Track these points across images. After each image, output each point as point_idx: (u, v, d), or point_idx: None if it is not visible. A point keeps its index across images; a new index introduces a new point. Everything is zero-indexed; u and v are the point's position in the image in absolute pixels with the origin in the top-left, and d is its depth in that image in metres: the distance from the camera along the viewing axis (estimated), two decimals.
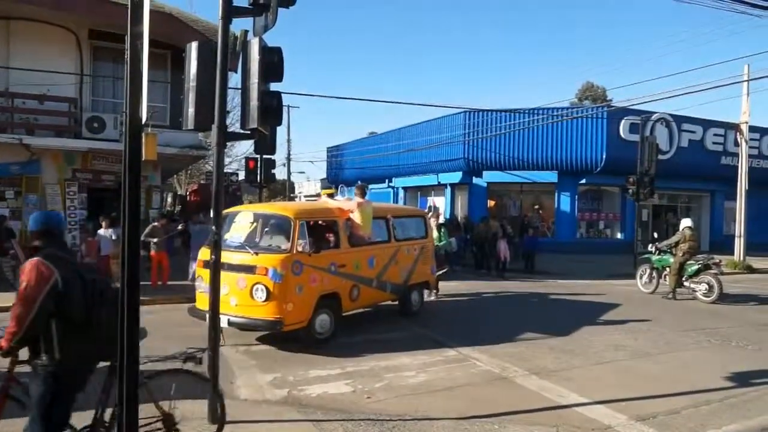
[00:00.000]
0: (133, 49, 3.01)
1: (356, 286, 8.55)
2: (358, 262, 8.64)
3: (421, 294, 10.50)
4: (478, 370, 7.01)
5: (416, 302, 10.27)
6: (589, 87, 48.02)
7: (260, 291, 7.32)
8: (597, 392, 6.14)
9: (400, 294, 9.80)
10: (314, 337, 7.82)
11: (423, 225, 10.76)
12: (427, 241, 10.59)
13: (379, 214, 9.33)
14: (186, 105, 4.97)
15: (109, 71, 14.90)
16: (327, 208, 8.89)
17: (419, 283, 10.29)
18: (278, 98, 5.10)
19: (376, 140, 31.58)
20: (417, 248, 10.17)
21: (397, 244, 9.63)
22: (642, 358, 7.75)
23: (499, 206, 24.34)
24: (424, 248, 10.41)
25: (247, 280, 7.40)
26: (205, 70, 4.91)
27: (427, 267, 10.51)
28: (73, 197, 14.27)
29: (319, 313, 7.84)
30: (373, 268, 8.97)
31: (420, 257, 10.20)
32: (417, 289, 10.27)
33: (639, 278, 14.13)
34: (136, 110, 3.08)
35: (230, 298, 7.41)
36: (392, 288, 9.47)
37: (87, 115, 13.86)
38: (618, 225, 24.86)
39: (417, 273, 10.10)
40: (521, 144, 22.86)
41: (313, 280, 7.71)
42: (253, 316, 7.37)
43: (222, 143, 4.98)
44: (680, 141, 23.65)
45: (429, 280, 10.68)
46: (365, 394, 6.00)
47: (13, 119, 13.53)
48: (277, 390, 6.10)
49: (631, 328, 9.64)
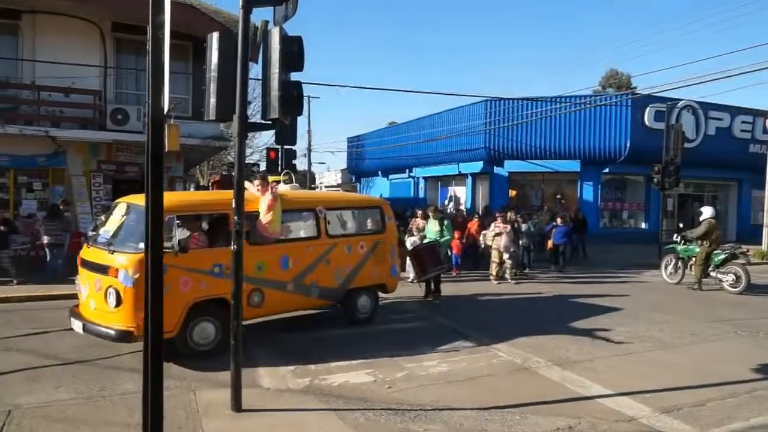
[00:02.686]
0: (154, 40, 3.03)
1: (258, 291, 7.25)
2: (263, 262, 7.32)
3: (374, 299, 8.91)
4: (500, 360, 6.98)
5: (365, 308, 8.74)
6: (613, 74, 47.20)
7: (111, 295, 6.34)
8: (621, 383, 6.07)
9: (336, 299, 8.36)
10: (193, 349, 6.74)
11: (379, 217, 9.07)
12: (384, 236, 8.91)
13: (300, 205, 8.16)
14: (207, 96, 4.99)
15: (132, 63, 15.06)
16: (215, 200, 7.66)
17: (369, 287, 8.74)
18: (299, 88, 5.09)
19: (396, 130, 31.49)
20: (366, 245, 8.59)
21: (331, 240, 8.15)
22: (667, 349, 7.65)
23: (520, 196, 24.16)
24: (380, 245, 8.80)
25: (102, 281, 6.49)
26: (226, 61, 4.92)
27: (384, 267, 8.85)
28: (98, 188, 14.49)
29: (197, 322, 6.75)
30: (289, 270, 7.61)
31: (371, 256, 8.63)
32: (366, 294, 8.73)
33: (664, 268, 13.94)
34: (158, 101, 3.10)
35: (90, 302, 6.68)
36: (322, 292, 8.03)
37: (111, 107, 14.04)
38: (642, 215, 24.51)
39: (365, 274, 8.55)
40: (543, 133, 22.60)
41: (183, 283, 6.55)
42: (104, 323, 6.44)
43: (243, 134, 4.99)
44: (707, 128, 23.18)
45: (386, 282, 8.96)
46: (386, 384, 6.01)
47: (39, 112, 13.76)
48: (299, 379, 6.14)
49: (655, 318, 9.52)
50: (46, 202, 13.94)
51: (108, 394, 5.60)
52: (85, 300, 6.79)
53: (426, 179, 29.18)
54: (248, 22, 4.94)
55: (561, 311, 10.04)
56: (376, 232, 8.97)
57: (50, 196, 14.09)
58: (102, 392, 5.66)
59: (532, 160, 23.04)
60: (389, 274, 8.98)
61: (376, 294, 8.97)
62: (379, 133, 33.13)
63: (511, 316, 9.74)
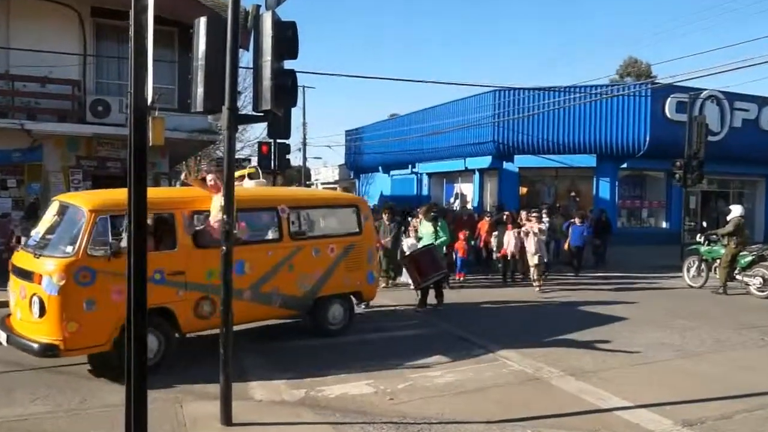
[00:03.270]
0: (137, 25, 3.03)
1: (208, 300, 6.89)
2: (214, 268, 6.68)
3: (348, 308, 8.61)
4: (510, 370, 6.98)
5: (337, 319, 8.44)
6: (632, 62, 47.16)
7: (35, 305, 6.10)
8: (640, 395, 6.07)
9: (302, 308, 8.12)
10: None
11: (355, 217, 8.74)
12: (360, 238, 8.62)
13: (260, 204, 7.87)
14: (194, 86, 4.99)
15: (114, 51, 15.03)
16: (158, 198, 7.17)
17: (342, 294, 8.48)
18: (293, 77, 5.09)
19: (398, 122, 31.48)
20: (337, 248, 8.29)
21: (296, 243, 7.88)
22: (689, 357, 7.64)
23: (531, 193, 24.15)
24: (355, 248, 8.51)
25: (26, 289, 6.29)
26: (215, 48, 4.92)
27: (359, 273, 8.56)
28: (77, 185, 14.47)
29: None
30: (246, 276, 7.26)
31: (343, 260, 8.34)
32: (339, 302, 8.44)
33: (686, 271, 13.93)
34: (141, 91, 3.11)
35: (16, 310, 6.53)
36: (285, 301, 7.73)
37: (91, 99, 14.03)
38: (663, 213, 24.48)
39: (336, 281, 8.25)
40: (556, 125, 22.57)
41: (117, 291, 6.10)
42: (28, 335, 6.22)
43: (233, 127, 4.99)
44: (733, 120, 23.13)
45: (362, 290, 8.70)
46: (387, 395, 6.01)
47: (13, 103, 13.75)
48: (293, 390, 6.15)
49: (677, 325, 9.51)
50: (22, 201, 13.94)
51: (88, 407, 5.62)
52: (13, 309, 6.66)
53: (430, 175, 29.18)
54: (238, 6, 4.94)
55: (575, 317, 10.04)
56: (351, 233, 8.66)
57: (25, 194, 14.09)
58: (82, 405, 5.67)
59: (544, 154, 23.02)
60: (365, 280, 8.69)
61: (350, 303, 8.68)
62: (380, 125, 33.13)
63: (522, 323, 9.74)
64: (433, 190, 28.84)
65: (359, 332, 8.58)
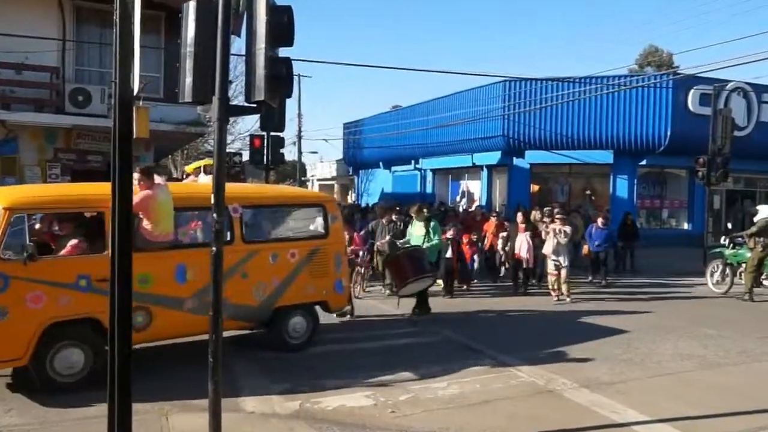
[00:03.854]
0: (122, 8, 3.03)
1: (143, 309, 6.59)
2: (149, 273, 6.66)
3: (312, 320, 8.26)
4: (519, 381, 6.99)
5: (298, 332, 8.08)
6: (653, 51, 47.17)
7: None
8: (659, 409, 6.07)
9: (257, 320, 7.82)
10: (53, 380, 6.27)
11: (321, 218, 8.42)
12: (326, 242, 8.31)
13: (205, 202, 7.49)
14: (182, 74, 4.98)
15: (96, 36, 15.01)
16: (84, 194, 7.02)
17: (304, 305, 8.15)
18: (288, 66, 5.09)
19: (400, 115, 31.49)
20: (299, 253, 7.99)
21: (249, 247, 7.61)
22: (712, 369, 7.65)
23: (543, 192, 24.15)
24: (320, 253, 8.19)
25: None
26: (205, 34, 4.91)
27: (325, 281, 8.22)
28: (55, 180, 14.48)
29: (58, 348, 6.27)
30: (188, 283, 7.02)
31: (306, 266, 8.02)
32: (301, 314, 8.10)
33: (709, 276, 13.93)
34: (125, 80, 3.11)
35: None
36: (237, 312, 7.32)
37: (70, 87, 14.02)
38: (685, 214, 24.50)
39: (298, 289, 7.93)
40: (571, 119, 22.59)
41: (34, 300, 6.02)
42: None
43: (224, 118, 4.98)
44: (760, 114, 23.15)
45: (329, 299, 8.33)
46: (388, 408, 6.02)
47: None
48: (288, 402, 6.15)
49: (699, 334, 9.52)
50: None
51: (67, 419, 5.63)
52: None
53: (434, 172, 29.20)
54: None
55: (590, 325, 10.05)
56: (316, 236, 8.39)
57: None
58: (60, 416, 5.68)
59: (557, 150, 23.03)
60: (333, 289, 8.31)
61: (314, 314, 8.34)
62: (381, 118, 33.15)
63: (533, 331, 9.75)
64: (438, 188, 28.86)
65: (357, 341, 8.59)
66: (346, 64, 59.87)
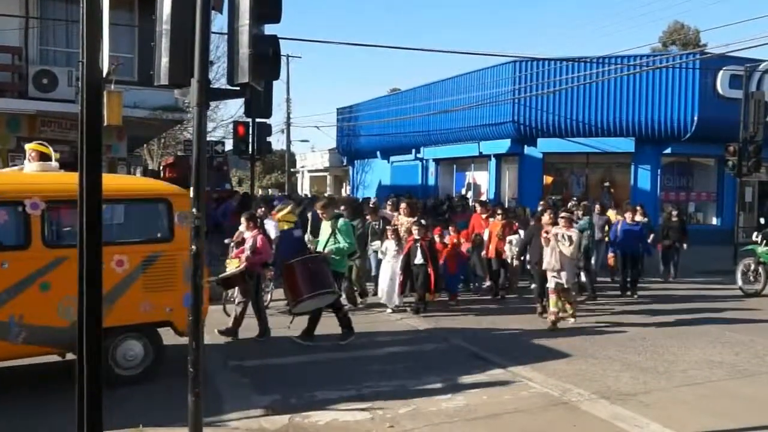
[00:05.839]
0: None
1: None
2: None
3: (151, 344, 7.20)
4: (531, 392, 6.99)
5: (131, 361, 7.05)
6: (678, 28, 47.18)
7: None
8: (685, 422, 6.09)
9: (66, 344, 6.47)
10: None
11: (163, 217, 7.37)
12: (169, 247, 7.21)
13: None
14: (158, 54, 4.97)
15: (62, 14, 15.00)
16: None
17: (138, 326, 7.11)
18: (275, 45, 5.08)
19: (399, 99, 31.52)
20: (131, 260, 6.96)
21: (54, 252, 6.58)
22: (743, 378, 7.67)
23: (558, 183, 24.16)
24: (160, 261, 7.14)
25: None
26: (182, 10, 4.89)
27: (168, 296, 7.11)
28: None
29: None
30: None
31: (139, 277, 7.00)
32: (134, 337, 7.08)
33: (741, 276, 13.94)
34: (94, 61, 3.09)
35: None
36: (35, 334, 6.43)
37: (34, 69, 13.99)
38: (713, 208, 24.57)
39: (128, 307, 6.87)
40: (587, 103, 22.61)
41: None
42: None
43: (204, 103, 4.98)
44: None
45: (172, 318, 7.16)
46: (387, 422, 6.02)
47: None
48: (275, 417, 6.15)
49: (729, 339, 9.55)
50: None
51: None
52: None
53: (437, 162, 29.22)
54: None
55: (610, 332, 10.07)
56: (155, 239, 7.36)
57: None
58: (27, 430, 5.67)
59: (572, 137, 23.04)
60: (179, 305, 7.02)
61: (153, 337, 7.26)
62: (378, 102, 33.15)
63: (545, 337, 9.74)
64: (441, 180, 28.89)
65: (352, 348, 8.58)
66: (339, 43, 59.56)
